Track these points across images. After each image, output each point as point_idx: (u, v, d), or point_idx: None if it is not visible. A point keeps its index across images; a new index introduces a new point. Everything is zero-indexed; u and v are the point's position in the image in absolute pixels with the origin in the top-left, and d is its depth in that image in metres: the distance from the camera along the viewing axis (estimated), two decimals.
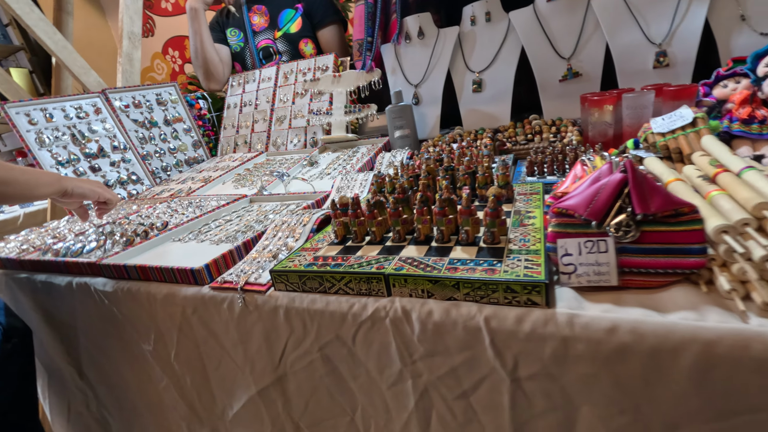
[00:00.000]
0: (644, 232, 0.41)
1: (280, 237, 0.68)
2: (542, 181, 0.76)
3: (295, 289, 0.54)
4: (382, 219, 0.56)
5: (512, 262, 0.45)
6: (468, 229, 0.51)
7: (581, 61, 1.09)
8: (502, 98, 1.17)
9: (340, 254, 0.56)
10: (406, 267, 0.48)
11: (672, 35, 0.98)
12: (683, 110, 0.74)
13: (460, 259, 0.48)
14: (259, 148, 1.59)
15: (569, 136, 0.96)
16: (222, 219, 0.95)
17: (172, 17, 4.93)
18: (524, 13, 1.12)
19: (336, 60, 1.53)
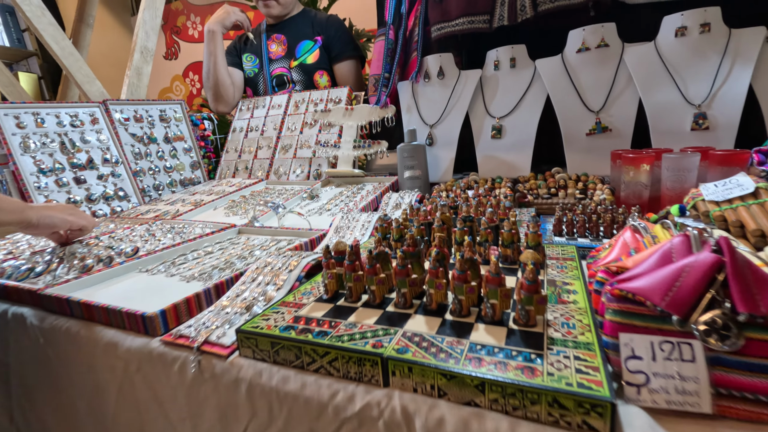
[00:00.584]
0: (750, 339, 0.30)
1: (260, 282, 0.57)
2: (575, 244, 0.65)
3: (265, 358, 0.42)
4: (384, 276, 0.45)
5: (558, 360, 0.33)
6: (495, 303, 0.39)
7: (611, 115, 1.01)
8: (523, 147, 1.09)
9: (327, 317, 0.44)
10: (412, 349, 0.36)
11: (713, 97, 0.91)
12: (741, 178, 0.64)
13: (486, 344, 0.36)
14: (260, 175, 1.51)
15: (599, 195, 0.86)
16: (202, 250, 0.84)
17: (197, 43, 5.11)
18: (552, 62, 1.07)
19: (350, 93, 1.48)
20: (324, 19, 1.71)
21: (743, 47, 0.89)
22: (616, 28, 1.01)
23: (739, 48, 0.89)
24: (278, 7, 1.64)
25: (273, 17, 1.69)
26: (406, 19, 1.27)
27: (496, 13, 1.10)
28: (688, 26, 0.92)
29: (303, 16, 1.71)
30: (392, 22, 1.27)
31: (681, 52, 0.94)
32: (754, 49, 0.88)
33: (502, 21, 1.09)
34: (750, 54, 0.88)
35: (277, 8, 1.64)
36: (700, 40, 0.92)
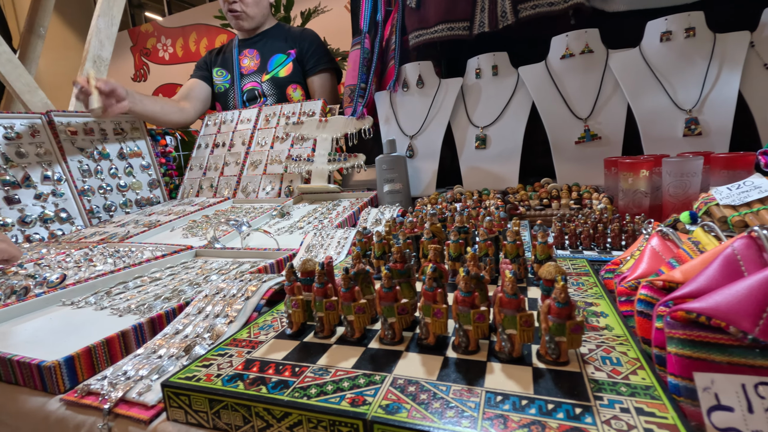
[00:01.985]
0: None
1: (208, 314, 0.45)
2: (583, 257, 0.57)
3: (202, 422, 0.30)
4: (365, 303, 0.34)
5: (615, 415, 0.23)
6: (513, 334, 0.30)
7: (600, 123, 0.96)
8: (510, 157, 1.03)
9: (291, 359, 0.33)
10: (407, 405, 0.26)
11: (703, 102, 0.87)
12: (756, 180, 0.58)
13: (509, 394, 0.26)
14: (226, 193, 1.39)
15: (596, 204, 0.79)
16: (148, 276, 0.71)
17: (167, 66, 4.99)
18: (535, 69, 1.02)
19: (324, 106, 1.40)
20: (298, 32, 1.64)
21: (729, 52, 0.87)
22: (599, 34, 0.98)
23: (726, 52, 0.87)
24: (248, 20, 1.56)
25: (244, 31, 1.62)
26: (382, 27, 1.21)
27: (476, 20, 1.06)
28: (673, 31, 0.90)
29: (276, 30, 1.64)
30: (368, 31, 1.21)
31: (667, 57, 0.91)
32: (740, 54, 0.86)
33: (482, 28, 1.05)
34: (737, 58, 0.86)
35: (248, 21, 1.56)
36: (686, 45, 0.89)
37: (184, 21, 4.67)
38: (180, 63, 5.14)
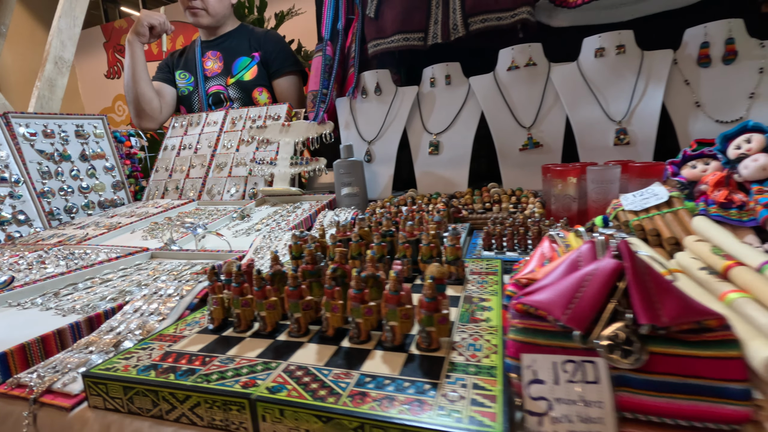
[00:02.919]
0: (654, 354, 0.27)
1: (143, 312, 0.48)
2: (501, 258, 0.63)
3: (119, 408, 0.34)
4: (276, 300, 0.39)
5: (454, 389, 0.28)
6: (395, 326, 0.34)
7: (542, 131, 1.03)
8: (460, 163, 1.09)
9: (205, 351, 0.37)
10: (290, 386, 0.30)
11: (631, 114, 0.95)
12: (656, 188, 0.65)
13: (377, 375, 0.31)
14: (191, 195, 1.40)
15: (531, 208, 0.85)
16: (99, 278, 0.73)
17: None
18: (484, 80, 1.08)
19: (290, 110, 1.43)
20: (262, 34, 1.66)
21: (655, 68, 0.94)
22: (542, 48, 1.04)
23: (652, 68, 0.94)
24: (207, 17, 1.56)
25: (204, 28, 1.62)
26: (344, 35, 1.25)
27: (430, 32, 1.11)
28: (606, 47, 0.97)
29: (239, 32, 1.65)
30: (329, 38, 1.25)
31: (601, 72, 0.98)
32: (664, 70, 0.93)
33: (435, 39, 1.10)
34: (661, 74, 0.93)
35: (206, 18, 1.56)
36: (617, 61, 0.96)
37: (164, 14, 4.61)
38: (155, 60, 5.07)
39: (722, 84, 0.90)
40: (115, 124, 4.70)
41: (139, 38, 1.50)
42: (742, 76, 0.89)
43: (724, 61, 0.90)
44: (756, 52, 0.88)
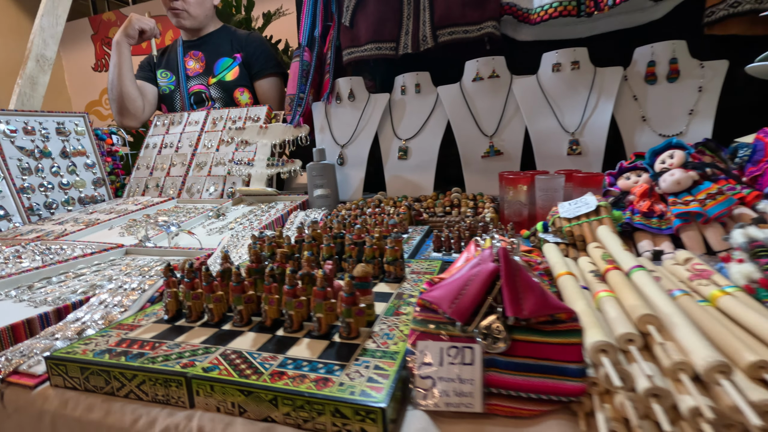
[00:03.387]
0: (516, 341, 0.32)
1: (108, 304, 0.53)
2: (444, 259, 0.68)
3: (76, 386, 0.39)
4: (221, 294, 0.44)
5: (357, 370, 0.34)
6: (320, 317, 0.40)
7: (503, 140, 1.09)
8: (427, 168, 1.15)
9: (156, 338, 0.42)
10: (222, 367, 0.35)
11: (583, 126, 1.01)
12: (588, 197, 0.72)
13: (298, 358, 0.36)
14: (171, 193, 1.44)
15: (485, 213, 0.92)
16: (73, 272, 0.77)
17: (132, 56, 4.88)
18: (451, 90, 1.14)
19: (269, 112, 1.47)
20: (244, 36, 1.69)
21: (606, 83, 1.01)
22: (505, 61, 1.11)
23: (603, 84, 1.01)
24: (189, 19, 1.59)
25: (186, 30, 1.65)
26: (321, 42, 1.30)
27: (401, 42, 1.16)
28: (562, 63, 1.03)
29: (222, 33, 1.68)
30: (306, 44, 1.29)
31: (557, 86, 1.04)
32: (614, 86, 1.00)
33: (406, 49, 1.15)
34: (611, 89, 1.00)
35: (189, 20, 1.59)
36: (572, 76, 1.03)
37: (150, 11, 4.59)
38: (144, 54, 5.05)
39: (666, 100, 0.97)
40: (102, 117, 4.66)
41: (127, 40, 1.53)
42: (684, 93, 0.96)
43: (668, 79, 0.97)
44: (696, 71, 0.96)
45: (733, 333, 0.30)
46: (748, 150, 0.73)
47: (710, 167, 0.71)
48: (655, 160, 0.74)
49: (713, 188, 0.64)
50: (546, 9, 1.01)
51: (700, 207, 0.62)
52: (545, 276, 0.45)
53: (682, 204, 0.64)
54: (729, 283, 0.37)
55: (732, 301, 0.34)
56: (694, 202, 0.63)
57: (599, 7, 0.97)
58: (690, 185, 0.66)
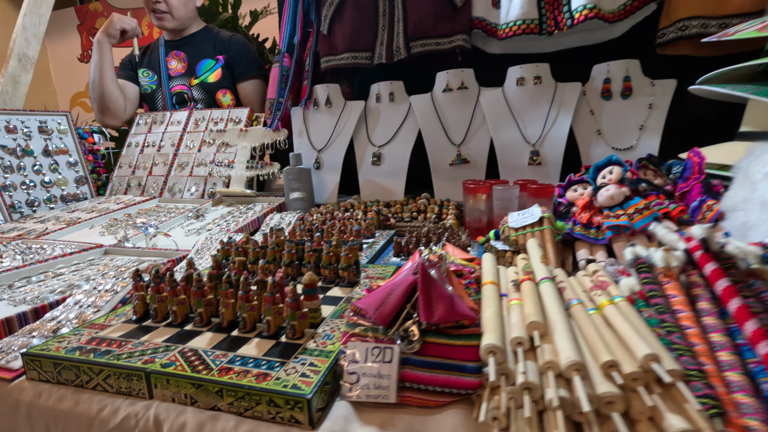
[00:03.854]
0: (427, 342, 0.38)
1: (82, 305, 0.58)
2: (401, 264, 0.74)
3: (50, 380, 0.44)
4: (184, 297, 0.49)
5: (294, 366, 0.40)
6: (269, 320, 0.45)
7: (470, 149, 1.15)
8: (398, 174, 1.20)
9: (123, 337, 0.47)
10: (178, 363, 0.41)
11: (544, 138, 1.08)
12: (534, 209, 0.78)
13: (245, 356, 0.42)
14: (153, 192, 1.47)
15: (448, 219, 0.98)
16: (52, 272, 0.82)
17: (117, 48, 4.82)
18: (423, 99, 1.20)
19: (251, 114, 1.51)
20: (227, 38, 1.72)
21: (566, 98, 1.07)
22: (474, 74, 1.16)
23: (563, 98, 1.08)
24: (172, 21, 1.62)
25: (169, 31, 1.67)
26: (300, 48, 1.34)
27: (376, 52, 1.21)
28: (525, 77, 1.10)
29: (204, 34, 1.71)
30: (286, 51, 1.33)
31: (521, 99, 1.11)
32: (573, 100, 1.06)
33: (381, 59, 1.20)
34: (570, 104, 1.07)
35: (172, 22, 1.62)
36: (535, 90, 1.09)
37: (138, 2, 4.53)
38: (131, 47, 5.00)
39: (619, 116, 1.04)
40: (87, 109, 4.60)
41: (109, 39, 1.55)
42: (635, 110, 1.03)
43: (622, 96, 1.04)
44: (647, 89, 1.03)
45: (603, 337, 0.36)
46: (680, 167, 0.80)
47: (645, 182, 0.78)
48: (598, 174, 0.81)
49: (641, 204, 0.70)
50: (511, 26, 1.07)
51: (628, 221, 0.69)
52: (474, 284, 0.51)
53: (614, 217, 0.71)
54: (618, 294, 0.43)
55: (614, 309, 0.40)
56: (624, 216, 0.70)
57: (559, 27, 1.03)
58: (622, 200, 0.73)
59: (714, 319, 0.35)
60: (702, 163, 0.76)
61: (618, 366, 0.33)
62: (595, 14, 0.97)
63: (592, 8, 0.96)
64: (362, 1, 1.21)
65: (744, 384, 0.30)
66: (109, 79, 1.58)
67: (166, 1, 1.57)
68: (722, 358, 0.32)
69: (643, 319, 0.39)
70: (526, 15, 1.04)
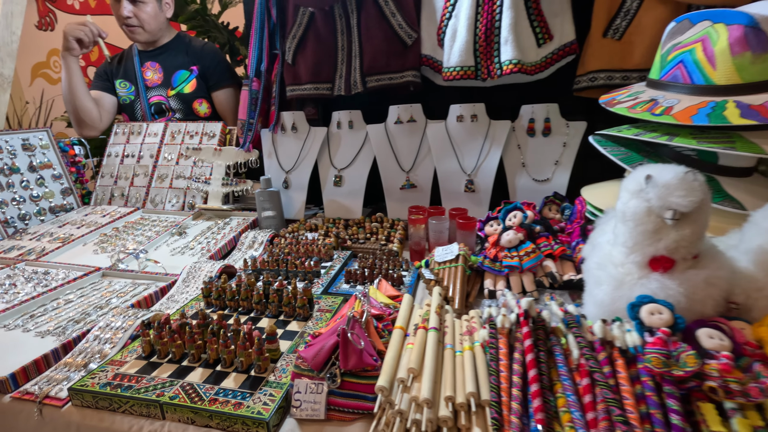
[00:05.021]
0: (345, 381, 0.60)
1: (100, 341, 0.77)
2: (350, 292, 0.95)
3: (90, 406, 0.64)
4: (180, 343, 0.69)
5: (259, 396, 0.61)
6: (242, 360, 0.66)
7: (417, 175, 1.34)
8: (356, 195, 1.39)
9: (138, 373, 0.67)
10: (181, 395, 0.61)
11: (478, 168, 1.27)
12: (453, 246, 0.99)
13: (226, 389, 0.62)
14: (134, 203, 1.61)
15: (393, 245, 1.18)
16: (63, 299, 0.99)
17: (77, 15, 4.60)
18: (377, 129, 1.36)
19: (224, 128, 1.64)
20: (199, 47, 1.79)
21: (497, 134, 1.26)
22: (421, 108, 1.33)
23: (495, 134, 1.26)
24: (144, 35, 1.68)
25: (141, 44, 1.73)
26: (267, 74, 1.46)
27: (336, 84, 1.35)
28: (464, 115, 1.27)
29: (176, 44, 1.77)
30: (254, 76, 1.45)
31: (460, 133, 1.28)
32: (503, 136, 1.25)
33: (340, 91, 1.35)
34: (501, 139, 1.25)
35: (144, 35, 1.68)
36: (472, 126, 1.27)
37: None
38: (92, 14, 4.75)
39: (540, 151, 1.24)
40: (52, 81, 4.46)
41: (71, 53, 1.59)
42: (553, 147, 1.23)
43: (543, 134, 1.24)
44: (563, 129, 1.22)
45: (455, 376, 0.58)
46: (569, 211, 1.01)
47: (541, 225, 0.99)
48: (507, 216, 1.02)
49: (530, 247, 0.92)
50: (452, 71, 1.22)
51: (518, 262, 0.90)
52: (390, 326, 0.72)
53: (509, 257, 0.92)
54: (477, 340, 0.65)
55: (469, 354, 0.62)
56: (516, 257, 0.91)
57: (491, 76, 1.19)
58: (517, 243, 0.94)
59: (518, 365, 0.58)
60: (583, 210, 0.98)
61: (454, 398, 0.55)
62: (519, 69, 1.13)
63: (516, 63, 1.13)
64: (322, 37, 1.33)
65: (517, 410, 0.53)
66: (80, 93, 1.64)
67: (137, 16, 1.63)
68: (513, 393, 0.55)
69: (484, 361, 0.61)
70: (464, 62, 1.20)
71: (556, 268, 0.91)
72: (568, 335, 0.60)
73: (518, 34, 1.13)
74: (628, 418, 0.49)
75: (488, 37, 1.16)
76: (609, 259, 0.68)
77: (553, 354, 0.59)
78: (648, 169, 0.62)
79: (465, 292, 0.90)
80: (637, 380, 0.53)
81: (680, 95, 0.87)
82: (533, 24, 1.14)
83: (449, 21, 1.22)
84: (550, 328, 0.62)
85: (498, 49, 1.16)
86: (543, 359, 0.58)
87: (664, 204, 0.59)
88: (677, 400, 0.50)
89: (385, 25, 1.27)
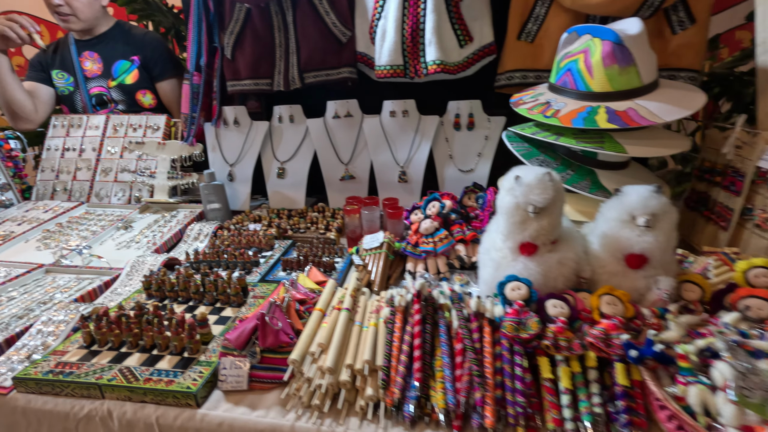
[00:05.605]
0: (264, 356, 0.70)
1: (42, 333, 0.83)
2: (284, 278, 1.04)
3: (34, 392, 0.71)
4: (118, 332, 0.76)
5: (189, 373, 0.70)
6: (176, 344, 0.75)
7: (356, 167, 1.43)
8: (299, 186, 1.46)
9: (79, 360, 0.74)
10: (118, 377, 0.70)
11: (410, 160, 1.38)
12: (379, 234, 1.10)
13: (161, 369, 0.71)
14: (79, 197, 1.61)
15: (331, 233, 1.28)
16: (6, 296, 1.02)
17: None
18: (317, 123, 1.43)
19: (168, 121, 1.65)
20: (140, 36, 1.76)
21: (427, 128, 1.36)
22: (358, 103, 1.41)
23: (425, 128, 1.37)
24: (78, 23, 1.63)
25: (76, 32, 1.69)
26: (208, 68, 1.48)
27: (275, 80, 1.40)
28: (396, 110, 1.36)
29: (115, 32, 1.73)
30: (194, 70, 1.47)
31: (393, 127, 1.38)
32: (432, 130, 1.36)
33: (279, 87, 1.40)
34: (430, 133, 1.36)
35: (78, 23, 1.63)
36: (404, 121, 1.37)
37: None
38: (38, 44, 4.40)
39: (465, 144, 1.36)
40: None
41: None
42: (476, 140, 1.35)
43: (468, 128, 1.35)
44: (485, 124, 1.34)
45: (358, 347, 0.70)
46: (482, 200, 1.14)
47: (456, 213, 1.12)
48: (428, 205, 1.14)
49: (443, 234, 1.05)
50: (382, 69, 1.30)
51: (432, 247, 1.03)
52: (311, 308, 0.82)
53: (425, 243, 1.05)
54: (381, 317, 0.77)
55: (372, 329, 0.74)
56: (432, 242, 1.04)
57: (418, 75, 1.28)
58: (433, 231, 1.06)
59: (408, 336, 0.70)
60: (493, 199, 1.11)
61: (353, 365, 0.67)
62: (442, 69, 1.23)
63: (440, 63, 1.23)
64: (260, 33, 1.37)
65: (402, 372, 0.65)
66: (10, 86, 1.59)
67: (68, 3, 1.58)
68: (401, 358, 0.67)
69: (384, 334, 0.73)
70: (393, 62, 1.28)
71: (467, 251, 1.05)
72: (452, 310, 0.73)
73: (441, 36, 1.22)
74: (483, 372, 0.63)
75: (414, 38, 1.25)
76: (492, 245, 0.81)
77: (438, 325, 0.71)
78: (518, 170, 0.75)
79: (386, 275, 1.01)
80: (498, 343, 0.67)
81: (568, 99, 1.00)
82: (454, 27, 1.24)
83: (379, 21, 1.29)
84: (439, 304, 0.74)
85: (423, 50, 1.25)
86: (428, 330, 0.70)
87: (527, 200, 0.71)
88: (522, 356, 0.64)
89: (319, 23, 1.32)
